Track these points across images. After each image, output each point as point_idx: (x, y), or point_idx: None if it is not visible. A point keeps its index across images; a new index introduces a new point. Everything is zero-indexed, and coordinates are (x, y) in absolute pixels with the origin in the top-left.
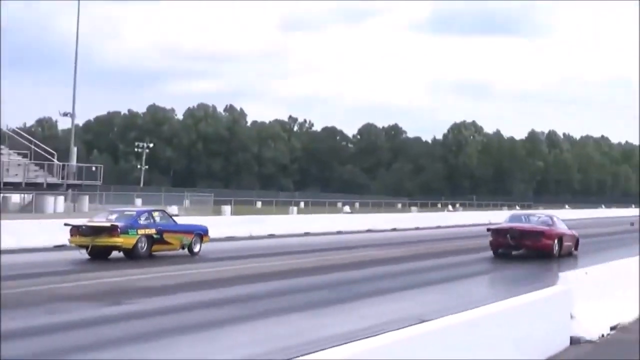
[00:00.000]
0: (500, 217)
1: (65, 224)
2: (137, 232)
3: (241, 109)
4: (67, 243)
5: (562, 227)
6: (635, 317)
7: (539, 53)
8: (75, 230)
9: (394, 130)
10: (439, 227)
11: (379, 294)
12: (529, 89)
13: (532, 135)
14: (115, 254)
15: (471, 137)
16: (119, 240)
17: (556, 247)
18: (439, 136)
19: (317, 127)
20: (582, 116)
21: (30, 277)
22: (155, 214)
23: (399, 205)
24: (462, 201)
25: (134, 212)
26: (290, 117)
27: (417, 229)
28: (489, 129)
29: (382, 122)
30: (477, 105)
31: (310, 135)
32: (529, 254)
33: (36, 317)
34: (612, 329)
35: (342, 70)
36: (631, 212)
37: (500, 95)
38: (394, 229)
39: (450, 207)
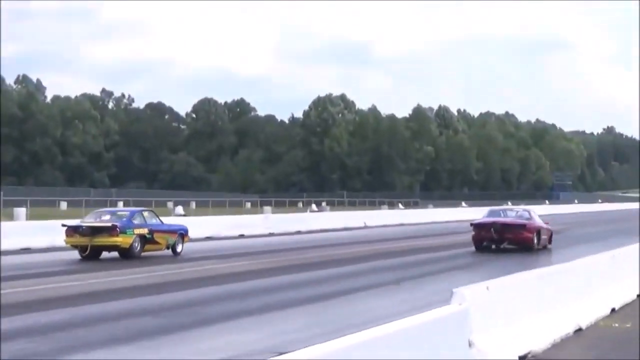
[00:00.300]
0: (378, 217)
1: (63, 225)
2: (133, 232)
3: (38, 81)
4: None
5: (539, 221)
6: (550, 343)
7: (429, 8)
8: (72, 231)
9: (240, 107)
10: (299, 232)
11: (225, 319)
12: (414, 54)
13: (418, 112)
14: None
15: (340, 115)
16: (118, 240)
17: (535, 240)
18: (299, 114)
19: (139, 104)
20: (481, 89)
21: None
22: (145, 213)
23: (248, 205)
24: (330, 198)
25: (127, 212)
26: (103, 90)
27: (271, 235)
28: (362, 104)
29: (223, 97)
30: (347, 75)
31: (130, 114)
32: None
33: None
34: (521, 359)
35: (171, 30)
36: (545, 209)
37: (378, 62)
38: (242, 236)
39: (314, 206)
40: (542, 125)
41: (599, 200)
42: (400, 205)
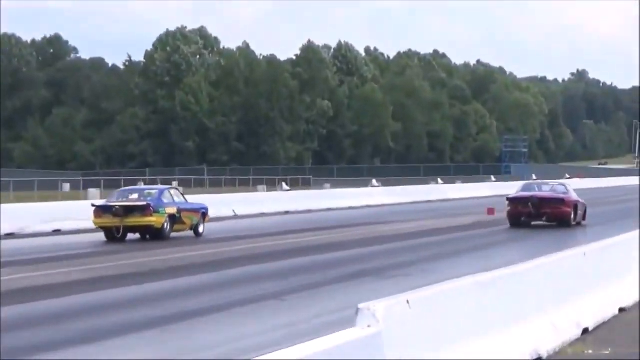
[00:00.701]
0: (253, 202)
1: (92, 205)
2: (165, 210)
3: None
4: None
5: (575, 196)
6: None
7: None
8: (101, 211)
9: (54, 48)
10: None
11: None
12: None
13: (309, 52)
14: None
15: (197, 58)
16: (152, 219)
17: (573, 215)
18: (138, 57)
19: None
20: (398, 19)
21: None
22: (173, 191)
23: (66, 187)
24: (184, 176)
25: (156, 191)
26: None
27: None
28: (229, 41)
29: (30, 33)
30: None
31: None
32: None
33: None
34: None
35: None
36: (489, 188)
37: None
38: (58, 231)
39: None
40: (485, 69)
41: (566, 175)
42: (284, 185)
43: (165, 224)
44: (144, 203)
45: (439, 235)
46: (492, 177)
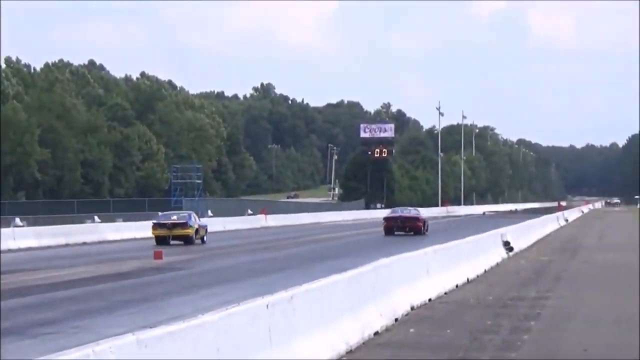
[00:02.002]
0: None
1: (153, 222)
2: (194, 226)
3: None
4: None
5: (424, 216)
6: None
7: None
8: (157, 225)
9: None
10: None
11: None
12: None
13: None
14: None
15: None
16: (189, 231)
17: (423, 228)
18: None
19: None
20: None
21: None
22: (193, 215)
23: None
24: None
25: (186, 214)
26: None
27: None
28: None
29: None
30: None
31: None
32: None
33: None
34: None
35: None
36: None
37: None
38: None
39: None
40: (151, 83)
41: (249, 211)
42: None
43: (193, 235)
44: (183, 221)
45: (96, 284)
46: (160, 213)
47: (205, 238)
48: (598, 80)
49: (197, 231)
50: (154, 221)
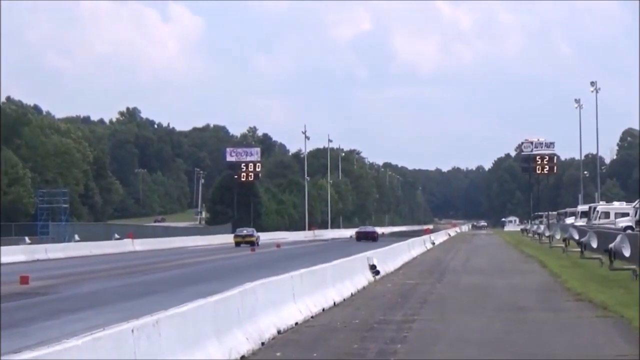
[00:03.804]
0: None
1: (235, 234)
2: (255, 236)
3: None
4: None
5: (378, 230)
6: None
7: None
8: (237, 236)
9: None
10: None
11: None
12: None
13: None
14: None
15: None
16: (253, 238)
17: (378, 237)
18: None
19: None
20: None
21: None
22: (251, 228)
23: None
24: None
25: (251, 230)
26: None
27: None
28: None
29: None
30: None
31: None
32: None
33: None
34: None
35: None
36: (26, 253)
37: None
38: None
39: None
40: (17, 107)
41: (116, 236)
42: None
43: (257, 241)
44: (250, 233)
45: None
46: (27, 238)
47: (259, 243)
48: (462, 104)
49: (257, 239)
50: (236, 233)
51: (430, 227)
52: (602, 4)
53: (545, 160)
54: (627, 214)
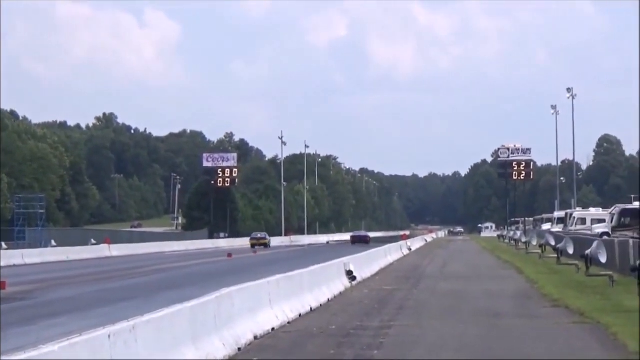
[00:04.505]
0: None
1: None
2: (268, 239)
3: None
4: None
5: (369, 234)
6: None
7: None
8: (253, 239)
9: None
10: None
11: None
12: None
13: None
14: None
15: None
16: (266, 241)
17: (369, 240)
18: None
19: None
20: None
21: None
22: (263, 233)
23: None
24: None
25: (264, 234)
26: None
27: None
28: None
29: None
30: None
31: None
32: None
33: None
34: None
35: None
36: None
37: None
38: None
39: None
40: None
41: (92, 241)
42: None
43: (269, 242)
44: (263, 237)
45: None
46: (3, 243)
47: (270, 245)
48: (438, 110)
49: (270, 241)
50: (251, 237)
51: (407, 232)
52: (579, 9)
53: (522, 166)
54: (603, 220)
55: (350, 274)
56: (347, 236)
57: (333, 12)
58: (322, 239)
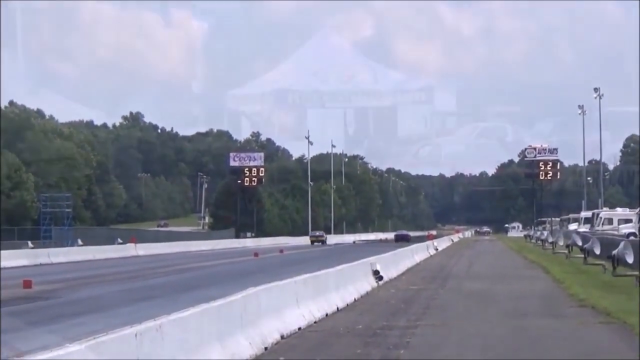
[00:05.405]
0: None
1: (310, 235)
2: (325, 236)
3: None
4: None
5: (409, 234)
6: None
7: None
8: (312, 236)
9: None
10: None
11: None
12: None
13: None
14: None
15: None
16: (324, 238)
17: (410, 239)
18: None
19: None
20: None
21: None
22: (320, 231)
23: None
24: None
25: (322, 232)
26: None
27: None
28: None
29: None
30: None
31: None
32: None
33: None
34: None
35: None
36: (28, 257)
37: None
38: None
39: None
40: (20, 112)
41: (119, 240)
42: None
43: (326, 239)
44: (321, 234)
45: None
46: (29, 242)
47: (326, 242)
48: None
49: (326, 238)
50: (310, 234)
51: (434, 232)
52: (606, 10)
53: (548, 166)
54: (630, 221)
55: (377, 274)
56: (373, 236)
57: (359, 11)
58: (349, 238)
